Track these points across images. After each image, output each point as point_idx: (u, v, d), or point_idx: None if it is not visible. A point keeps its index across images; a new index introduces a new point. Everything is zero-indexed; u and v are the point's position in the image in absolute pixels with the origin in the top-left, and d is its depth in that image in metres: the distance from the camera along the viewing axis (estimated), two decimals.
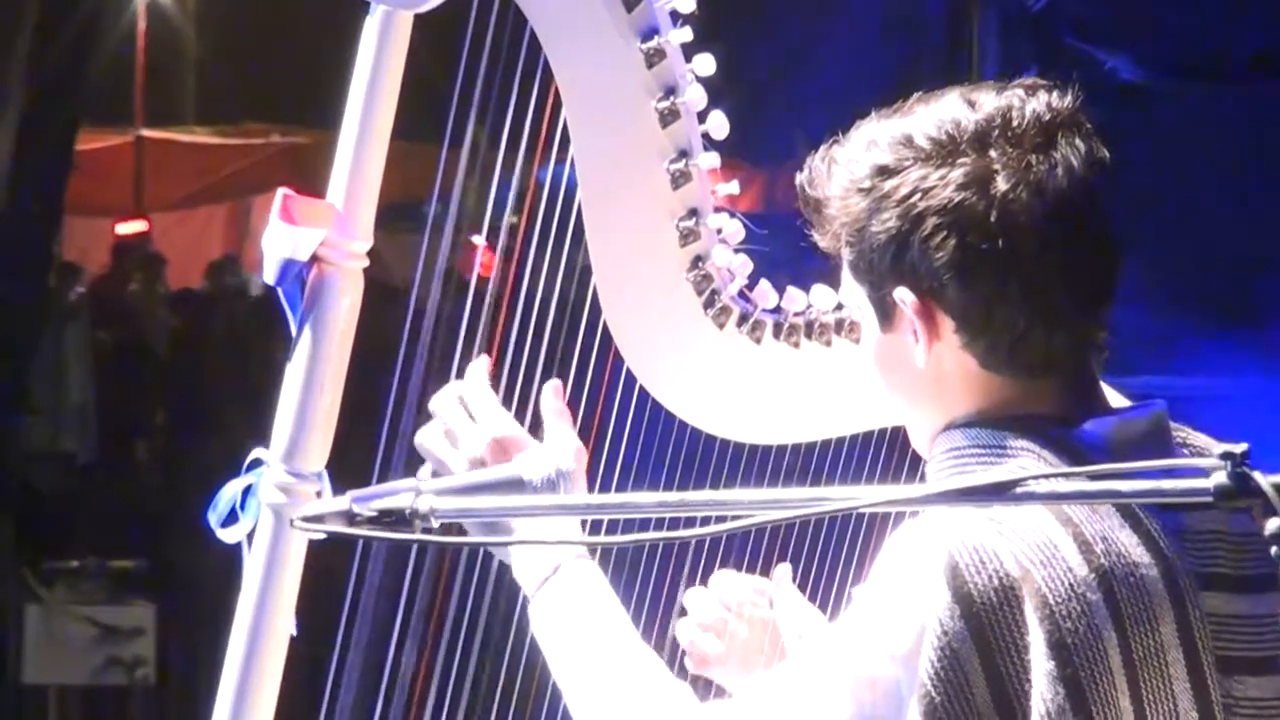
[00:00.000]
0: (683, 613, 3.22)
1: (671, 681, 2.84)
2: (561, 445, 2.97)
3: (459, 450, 2.97)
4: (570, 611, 2.88)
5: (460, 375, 3.04)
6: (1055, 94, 2.77)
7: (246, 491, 3.10)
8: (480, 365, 3.02)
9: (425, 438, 2.99)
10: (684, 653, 3.19)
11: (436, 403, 3.00)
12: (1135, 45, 5.30)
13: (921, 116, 2.75)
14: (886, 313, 2.78)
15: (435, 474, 2.97)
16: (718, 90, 3.05)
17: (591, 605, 2.88)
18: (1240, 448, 2.24)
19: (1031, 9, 5.30)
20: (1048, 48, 5.27)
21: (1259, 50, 5.56)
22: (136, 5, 28.60)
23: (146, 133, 23.85)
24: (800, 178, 2.83)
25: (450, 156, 3.09)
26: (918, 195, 2.71)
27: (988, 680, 2.62)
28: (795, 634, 3.17)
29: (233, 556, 3.12)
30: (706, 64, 3.04)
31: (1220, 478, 2.23)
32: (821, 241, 2.84)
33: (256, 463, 3.10)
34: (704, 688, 3.12)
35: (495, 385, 3.05)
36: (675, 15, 3.02)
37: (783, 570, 3.18)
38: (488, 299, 3.09)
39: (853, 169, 2.77)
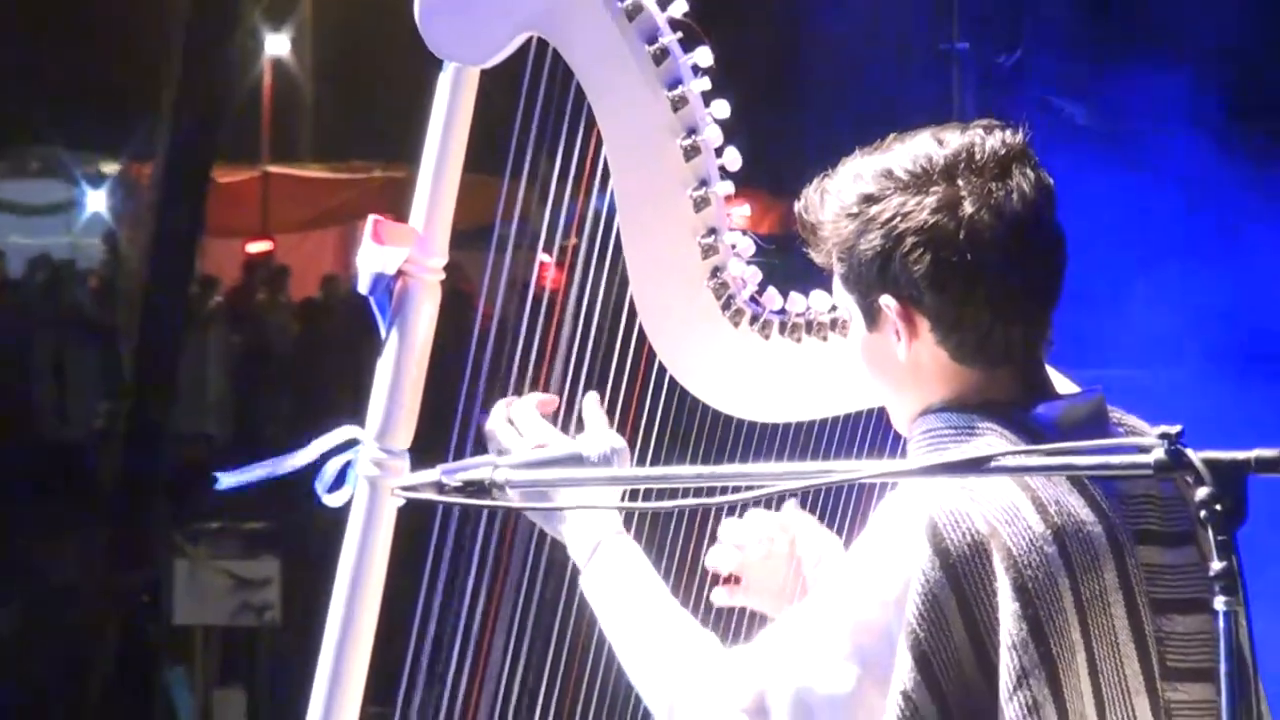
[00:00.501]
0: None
1: (700, 631, 2.84)
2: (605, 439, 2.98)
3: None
4: (614, 578, 2.89)
5: (526, 369, 3.05)
6: (1008, 132, 2.78)
7: (346, 466, 3.11)
8: (533, 398, 3.02)
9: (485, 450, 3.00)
10: (713, 585, 3.18)
11: (491, 421, 3.00)
12: (1089, 97, 5.25)
13: (899, 152, 2.76)
14: (872, 316, 2.78)
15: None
16: (732, 130, 3.06)
17: (630, 572, 2.90)
18: (1175, 429, 2.28)
19: (1004, 66, 5.27)
20: (1016, 99, 5.23)
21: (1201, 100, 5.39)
22: (263, 61, 28.63)
23: (271, 168, 23.89)
24: (797, 205, 2.84)
25: (511, 187, 3.10)
26: (898, 219, 2.72)
27: (963, 619, 2.63)
28: (814, 559, 3.16)
29: (339, 518, 3.11)
30: (722, 108, 3.04)
31: (1159, 454, 2.26)
32: (816, 258, 2.85)
33: (354, 442, 3.11)
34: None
35: (550, 374, 3.07)
36: (695, 68, 3.03)
37: (791, 504, 3.18)
38: (543, 305, 3.10)
39: (842, 197, 2.77)
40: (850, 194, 2.76)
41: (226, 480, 3.07)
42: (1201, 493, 2.23)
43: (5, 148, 24.57)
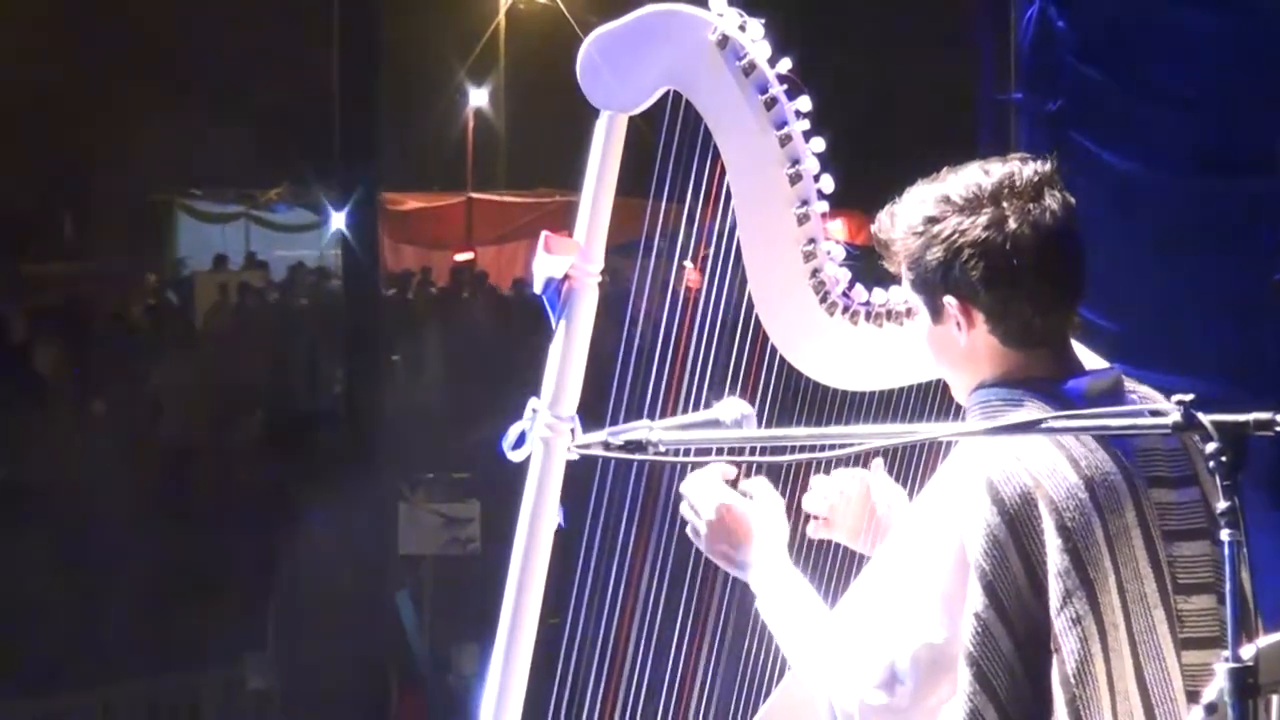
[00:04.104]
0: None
1: (841, 627, 2.82)
2: (772, 503, 2.98)
3: (700, 516, 2.98)
4: (779, 607, 2.89)
5: (668, 352, 3.05)
6: (1039, 162, 2.79)
7: (525, 429, 3.11)
8: (718, 468, 2.99)
9: (683, 509, 3.00)
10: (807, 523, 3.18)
11: (685, 486, 3.00)
12: (1121, 142, 5.14)
13: (953, 182, 2.77)
14: (937, 312, 2.79)
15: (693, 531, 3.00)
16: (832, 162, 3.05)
17: (792, 600, 2.89)
18: (1189, 397, 2.31)
19: (1047, 109, 5.20)
20: (1059, 140, 5.14)
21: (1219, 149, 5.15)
22: (468, 111, 28.82)
23: (474, 195, 24.05)
24: (873, 227, 2.85)
25: (655, 207, 3.09)
26: (956, 235, 2.73)
27: (1019, 554, 2.63)
28: (885, 506, 3.16)
29: (521, 471, 3.12)
30: (819, 144, 3.03)
31: (1176, 416, 2.30)
32: (889, 267, 2.86)
33: (531, 410, 3.11)
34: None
35: (687, 355, 3.06)
36: (798, 113, 3.02)
37: (877, 463, 3.18)
38: (680, 300, 3.10)
39: (909, 219, 2.78)
40: (916, 216, 2.77)
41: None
42: (1210, 447, 2.25)
43: (272, 183, 24.90)
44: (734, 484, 3.01)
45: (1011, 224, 2.71)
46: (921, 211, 2.76)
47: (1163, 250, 5.03)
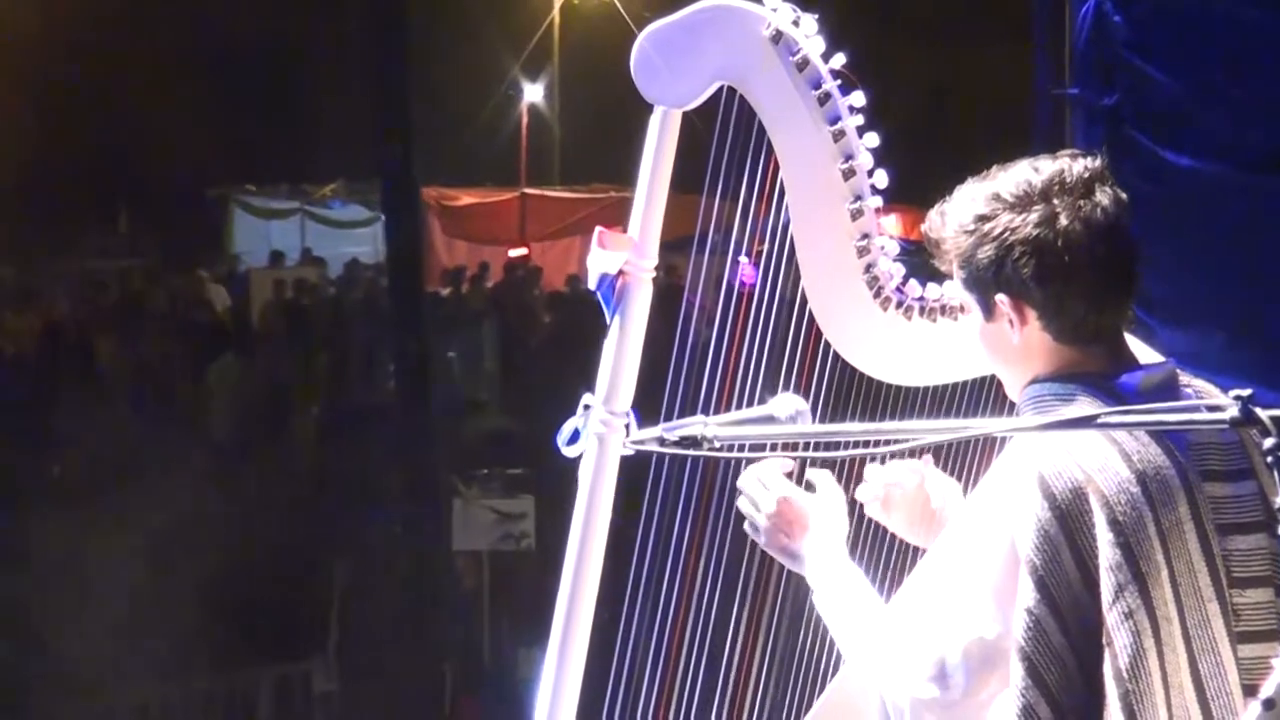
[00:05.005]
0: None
1: (893, 621, 2.82)
2: (833, 498, 3.00)
3: (760, 510, 2.99)
4: (834, 601, 2.90)
5: (722, 348, 3.06)
6: (1089, 158, 2.78)
7: (580, 425, 3.12)
8: (779, 462, 3.00)
9: (741, 502, 3.01)
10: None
11: (743, 480, 3.01)
12: (1176, 136, 5.08)
13: (1003, 180, 2.76)
14: (989, 309, 2.79)
15: (751, 525, 3.01)
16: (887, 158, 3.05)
17: (847, 592, 2.90)
18: (1246, 392, 2.29)
19: (1103, 104, 5.16)
20: (1114, 134, 5.11)
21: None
22: (522, 106, 28.84)
23: (528, 190, 24.07)
24: (924, 226, 2.85)
25: (709, 203, 3.10)
26: (1007, 233, 2.72)
27: (1070, 549, 2.63)
28: (940, 499, 3.16)
29: (575, 466, 3.12)
30: (872, 140, 3.03)
31: (1234, 412, 2.27)
32: (940, 266, 2.86)
33: (586, 406, 3.12)
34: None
35: (742, 350, 3.07)
36: (851, 108, 3.02)
37: (927, 458, 3.18)
38: (734, 295, 3.11)
39: (960, 217, 2.78)
40: (967, 214, 2.77)
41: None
42: (1268, 443, 2.23)
43: (327, 179, 25.00)
44: (791, 477, 3.02)
45: (1063, 221, 2.70)
46: (972, 210, 2.76)
47: (1220, 251, 4.99)
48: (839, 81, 3.01)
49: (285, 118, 24.26)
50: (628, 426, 3.04)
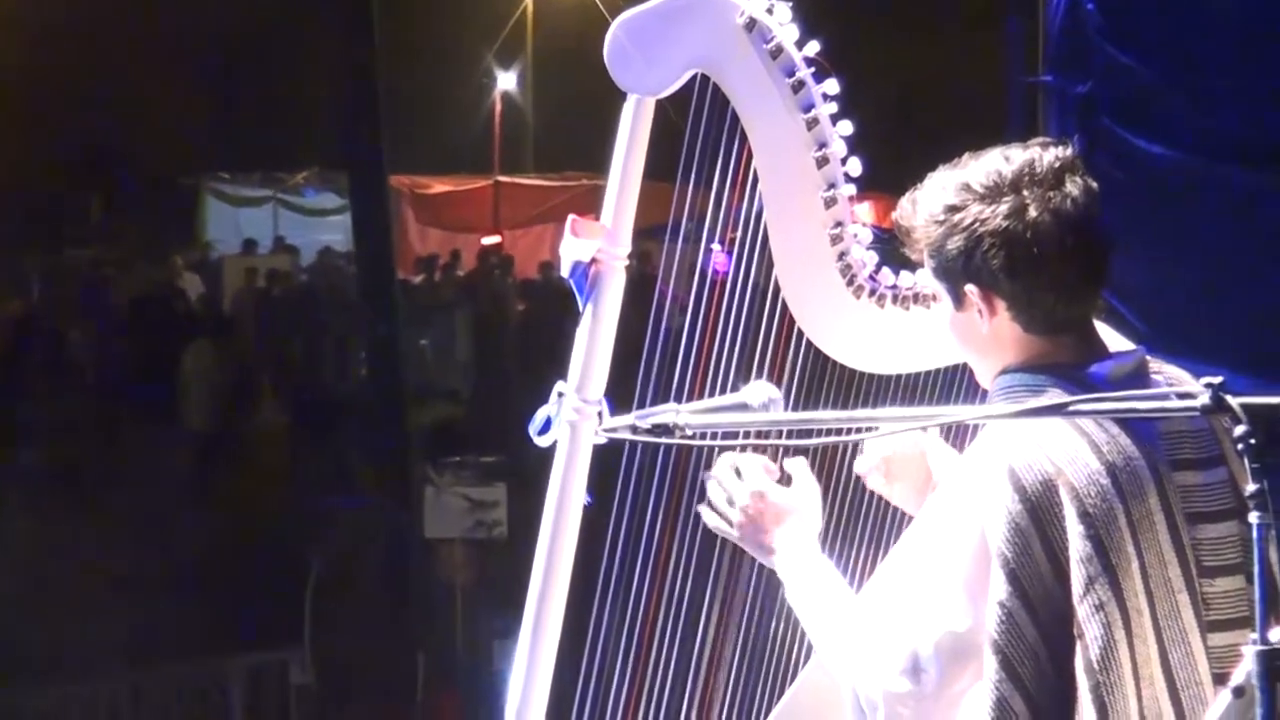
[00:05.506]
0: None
1: (867, 615, 2.81)
2: (808, 491, 2.98)
3: (735, 504, 2.97)
4: (805, 595, 2.89)
5: (694, 336, 3.06)
6: (1060, 147, 2.77)
7: (552, 413, 3.11)
8: (758, 457, 2.99)
9: (711, 487, 2.99)
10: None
11: (717, 467, 2.99)
12: (1150, 124, 5.08)
13: (974, 169, 2.75)
14: (959, 300, 2.78)
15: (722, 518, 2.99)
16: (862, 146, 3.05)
17: (817, 587, 2.89)
18: (1217, 379, 2.30)
19: (1077, 92, 5.15)
20: (1087, 121, 5.10)
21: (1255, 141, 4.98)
22: (495, 94, 28.81)
23: (501, 178, 24.08)
24: (895, 214, 2.84)
25: (682, 191, 3.09)
26: (977, 224, 2.72)
27: (1041, 541, 2.63)
28: (939, 468, 3.15)
29: (548, 454, 3.11)
30: (846, 128, 3.03)
31: (1204, 399, 2.29)
32: (910, 255, 2.85)
33: (559, 394, 3.11)
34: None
35: (715, 339, 3.06)
36: (825, 96, 3.01)
37: (934, 430, 3.17)
38: (707, 283, 3.10)
39: (930, 207, 2.77)
40: (937, 204, 2.76)
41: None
42: (1239, 430, 2.25)
43: (300, 167, 24.95)
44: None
45: (1032, 212, 2.69)
46: (942, 200, 2.74)
47: (1193, 239, 5.00)
48: (813, 69, 3.01)
49: (258, 105, 24.19)
50: (600, 414, 3.03)
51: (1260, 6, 4.93)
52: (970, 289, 2.74)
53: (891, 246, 2.96)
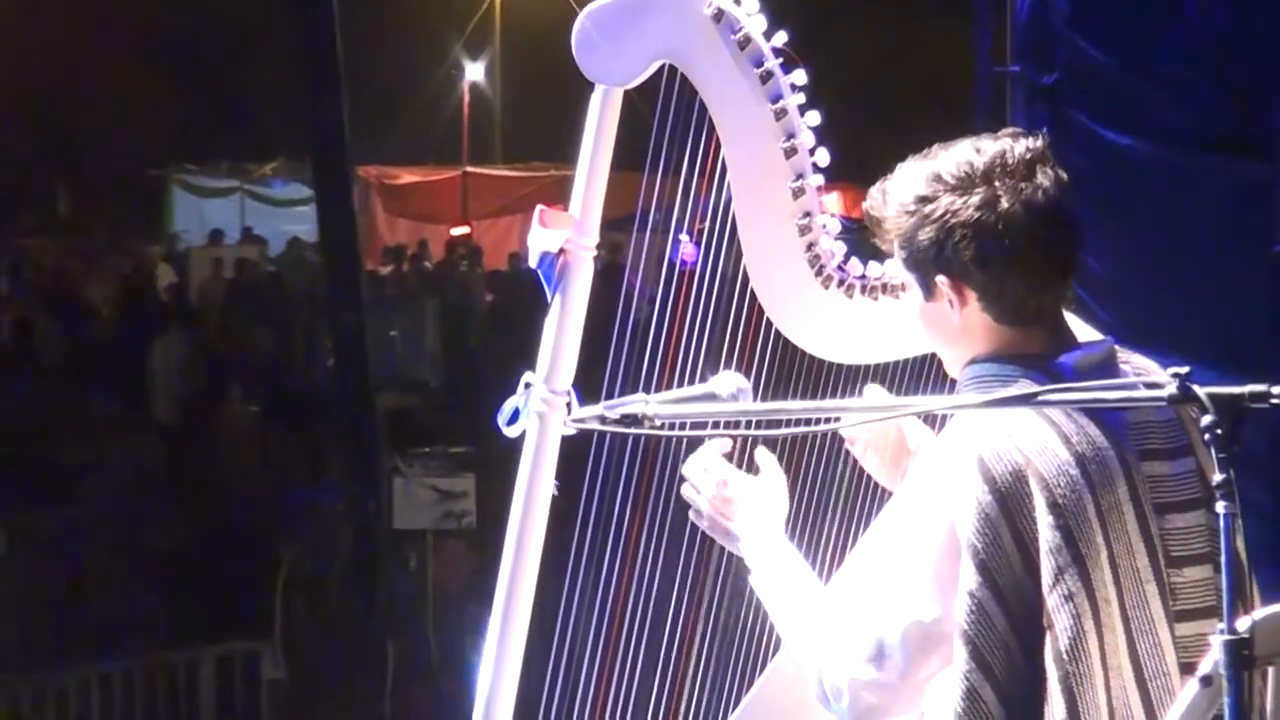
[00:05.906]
0: None
1: (832, 604, 2.83)
2: (773, 479, 3.00)
3: (701, 493, 3.00)
4: (771, 582, 2.91)
5: (664, 326, 3.05)
6: (1031, 139, 2.77)
7: (520, 403, 3.10)
8: (718, 445, 3.01)
9: (685, 489, 3.01)
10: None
11: (687, 467, 3.01)
12: (1116, 115, 5.08)
13: (944, 160, 2.75)
14: (930, 290, 2.78)
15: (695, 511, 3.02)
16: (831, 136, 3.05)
17: (784, 574, 2.90)
18: (1185, 370, 2.31)
19: (1044, 83, 5.16)
20: (1054, 112, 5.10)
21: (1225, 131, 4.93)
22: (464, 85, 28.77)
23: (470, 169, 24.05)
24: (865, 204, 2.83)
25: (650, 181, 3.08)
26: (948, 215, 2.71)
27: (1011, 532, 2.63)
28: (914, 445, 3.14)
29: (517, 444, 3.11)
30: (814, 118, 3.02)
31: (1172, 389, 2.30)
32: (881, 245, 2.85)
33: (527, 385, 3.11)
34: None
35: (683, 328, 3.06)
36: (793, 86, 3.01)
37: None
38: (676, 273, 3.10)
39: (901, 197, 2.76)
40: (908, 194, 2.75)
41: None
42: (1205, 420, 2.25)
43: (267, 158, 24.88)
44: (730, 457, 3.02)
45: (1004, 204, 2.69)
46: (913, 190, 2.74)
47: (1158, 229, 5.01)
48: (781, 60, 3.00)
49: (224, 96, 24.12)
50: (569, 405, 3.03)
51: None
52: (941, 280, 2.74)
53: (860, 237, 2.96)
